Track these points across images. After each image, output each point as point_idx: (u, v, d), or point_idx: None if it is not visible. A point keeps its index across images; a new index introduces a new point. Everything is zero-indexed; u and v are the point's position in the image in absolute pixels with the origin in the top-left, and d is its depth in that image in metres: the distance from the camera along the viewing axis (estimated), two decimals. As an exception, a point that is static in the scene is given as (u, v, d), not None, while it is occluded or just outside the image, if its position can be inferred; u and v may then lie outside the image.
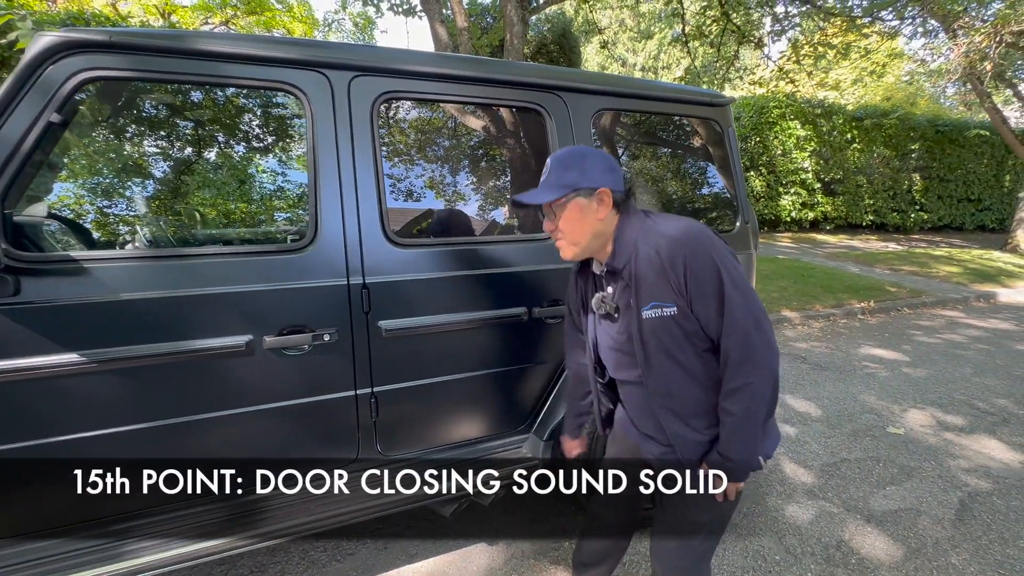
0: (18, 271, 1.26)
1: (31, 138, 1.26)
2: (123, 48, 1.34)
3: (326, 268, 1.55)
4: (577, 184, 1.15)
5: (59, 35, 1.29)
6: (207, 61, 1.43)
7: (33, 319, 1.27)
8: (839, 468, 2.71)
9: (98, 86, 1.37)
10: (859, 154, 11.41)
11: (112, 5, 9.35)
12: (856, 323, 5.67)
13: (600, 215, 1.17)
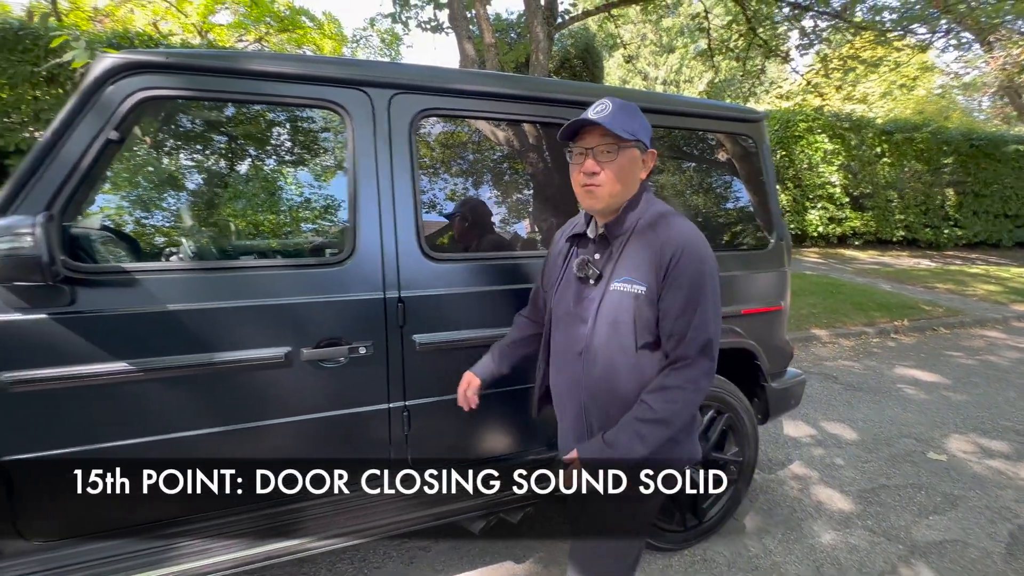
0: (74, 282, 1.31)
1: (90, 154, 1.32)
2: (178, 68, 1.40)
3: (363, 281, 1.57)
4: (639, 134, 1.12)
5: (120, 56, 1.35)
6: (254, 80, 1.48)
7: (87, 328, 1.32)
8: (878, 495, 2.60)
9: (153, 104, 1.42)
10: (889, 168, 11.14)
11: (153, 24, 9.79)
12: (890, 342, 5.49)
13: (642, 175, 1.18)
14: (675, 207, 2.18)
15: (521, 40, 8.08)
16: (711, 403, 2.08)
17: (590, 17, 7.30)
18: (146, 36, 6.84)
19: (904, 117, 13.23)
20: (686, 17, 14.88)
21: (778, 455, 2.99)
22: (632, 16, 14.42)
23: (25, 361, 1.28)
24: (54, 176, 1.29)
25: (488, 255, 1.83)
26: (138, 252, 1.66)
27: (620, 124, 1.11)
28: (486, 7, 5.33)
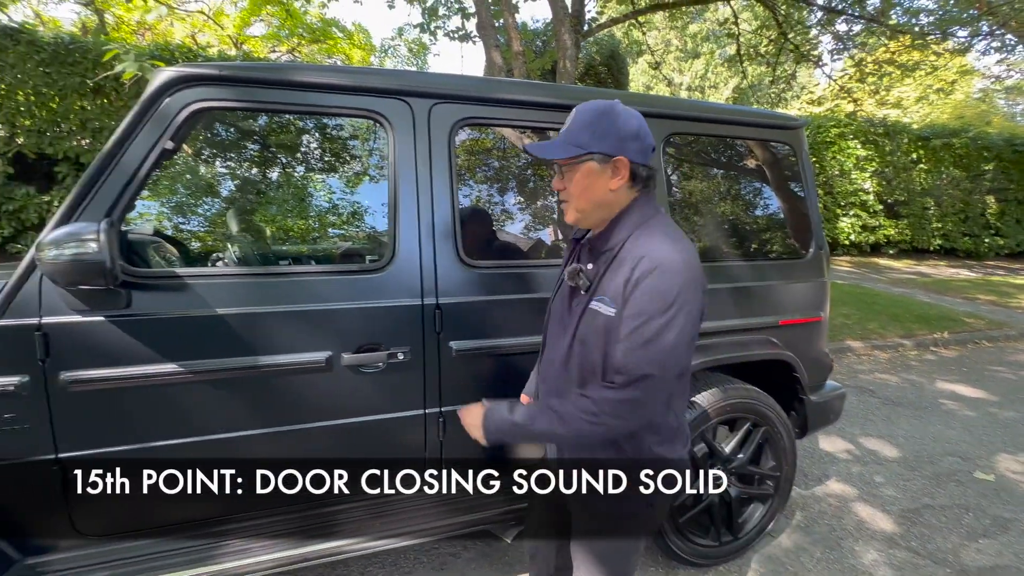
0: (130, 285, 1.36)
1: (148, 163, 1.37)
2: (230, 81, 1.44)
3: (402, 288, 1.59)
4: (591, 146, 1.04)
5: (176, 70, 1.40)
6: (302, 91, 1.52)
7: (140, 331, 1.37)
8: (922, 515, 2.50)
9: (205, 115, 1.47)
10: (926, 175, 10.78)
11: (191, 37, 10.17)
12: (929, 355, 5.28)
13: (612, 185, 1.06)
14: (709, 217, 2.17)
15: (547, 48, 8.12)
16: (747, 416, 2.03)
17: (616, 24, 7.29)
18: (185, 48, 7.10)
19: (941, 122, 12.79)
20: (712, 23, 14.74)
21: (814, 470, 2.90)
22: (657, 23, 14.35)
23: (83, 361, 1.33)
24: (114, 184, 1.34)
25: (524, 263, 1.84)
26: (187, 257, 1.71)
27: (570, 138, 1.06)
28: (515, 16, 5.38)
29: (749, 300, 2.08)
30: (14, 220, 5.83)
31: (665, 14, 8.72)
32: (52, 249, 1.18)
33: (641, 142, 1.06)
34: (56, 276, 1.21)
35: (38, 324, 1.29)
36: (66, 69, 5.77)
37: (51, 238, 1.19)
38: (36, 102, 5.73)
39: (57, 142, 5.87)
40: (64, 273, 1.20)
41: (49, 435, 1.33)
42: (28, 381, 1.29)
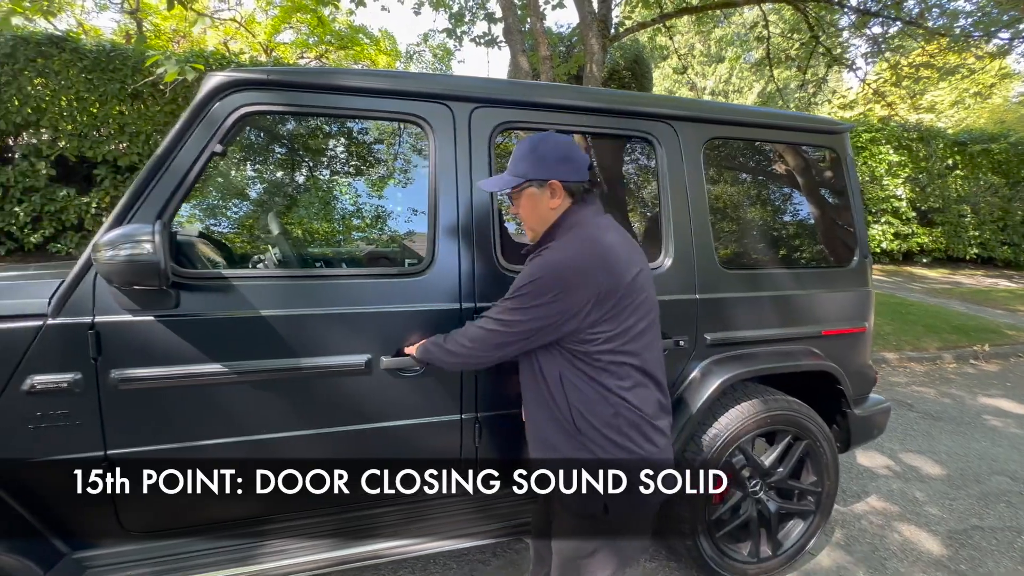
0: (179, 286, 1.38)
1: (197, 166, 1.40)
2: (278, 85, 1.46)
3: (441, 292, 1.58)
4: (527, 174, 1.24)
5: (226, 75, 1.42)
6: (346, 95, 1.53)
7: (188, 331, 1.38)
8: (971, 537, 2.39)
9: (254, 119, 1.49)
10: (962, 181, 10.41)
11: (224, 44, 10.46)
12: (969, 369, 5.08)
13: (551, 204, 1.26)
14: (750, 223, 2.11)
15: (571, 53, 8.11)
16: (788, 428, 1.97)
17: (645, 29, 7.24)
18: (219, 55, 7.30)
19: (978, 127, 12.36)
20: (739, 27, 14.56)
21: (852, 486, 2.80)
22: (681, 27, 14.22)
23: (133, 360, 1.35)
24: (165, 186, 1.37)
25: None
26: (230, 258, 1.74)
27: (510, 171, 1.28)
28: (542, 21, 5.39)
29: (791, 309, 2.02)
30: (55, 221, 6.05)
31: (691, 19, 8.63)
32: (108, 250, 1.21)
33: (572, 163, 1.24)
34: (111, 276, 1.24)
35: (91, 323, 1.32)
36: (106, 75, 5.97)
37: (107, 239, 1.21)
38: (78, 107, 5.94)
39: (97, 146, 6.07)
40: (119, 273, 1.22)
41: (99, 432, 1.35)
42: (80, 379, 1.32)
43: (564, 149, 1.24)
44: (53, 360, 1.30)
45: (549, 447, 1.28)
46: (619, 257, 1.21)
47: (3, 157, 5.97)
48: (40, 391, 1.29)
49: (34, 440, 1.32)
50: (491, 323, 1.26)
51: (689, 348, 1.86)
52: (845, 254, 2.18)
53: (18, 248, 6.04)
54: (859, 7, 6.57)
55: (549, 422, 1.27)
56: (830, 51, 7.23)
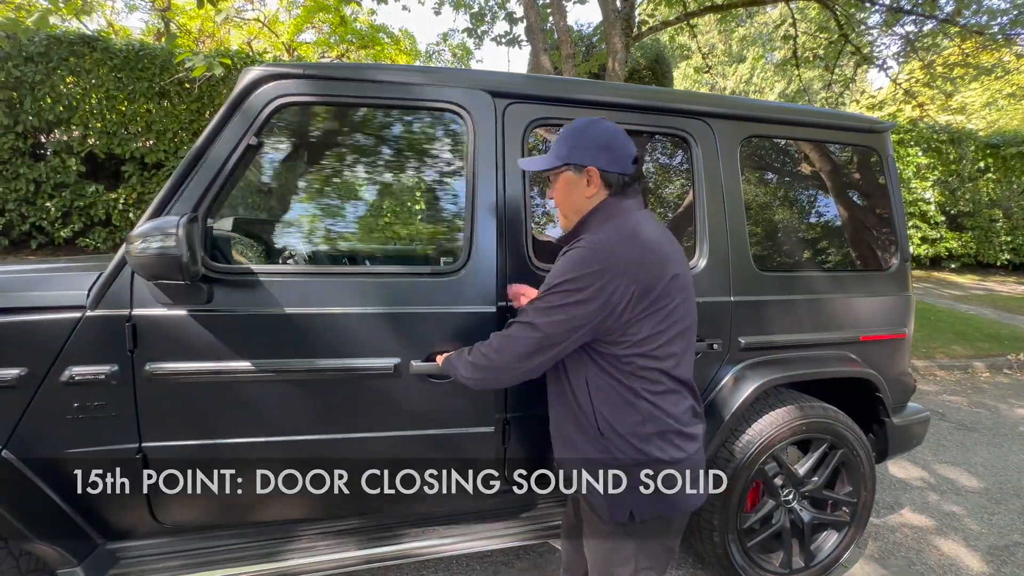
0: (212, 281, 1.38)
1: (233, 158, 1.39)
2: (313, 78, 1.45)
3: (476, 292, 1.55)
4: (567, 157, 1.18)
5: (263, 69, 1.42)
6: (378, 85, 1.51)
7: (219, 326, 1.38)
8: (1013, 554, 2.29)
9: (289, 110, 1.47)
10: (994, 185, 10.09)
11: (248, 43, 10.61)
12: (1003, 378, 4.91)
13: (587, 193, 1.19)
14: (787, 224, 2.05)
15: (591, 52, 8.05)
16: (824, 436, 1.91)
17: (668, 27, 7.15)
18: (243, 54, 7.41)
19: (1012, 129, 11.97)
20: (762, 26, 14.33)
21: (885, 497, 2.71)
22: (703, 27, 14.04)
23: (166, 354, 1.35)
24: (202, 179, 1.37)
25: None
26: (264, 254, 1.74)
27: (551, 152, 1.21)
28: (565, 19, 5.35)
29: (828, 313, 1.96)
30: (84, 216, 6.19)
31: (713, 18, 8.51)
32: (140, 242, 1.20)
33: (613, 152, 1.16)
34: (139, 269, 1.22)
35: (129, 315, 1.32)
36: (135, 74, 6.09)
37: (139, 231, 1.21)
38: (107, 105, 6.07)
39: (125, 143, 6.20)
40: (145, 267, 1.20)
41: (134, 425, 1.36)
42: (117, 371, 1.32)
43: (608, 137, 1.17)
44: (91, 351, 1.31)
45: (571, 446, 1.23)
46: (659, 254, 1.13)
47: (36, 153, 6.13)
48: (78, 382, 1.30)
49: (71, 432, 1.33)
50: (520, 328, 1.15)
51: (723, 352, 1.81)
52: (885, 257, 2.11)
53: (48, 242, 6.19)
54: (891, 5, 6.40)
55: (571, 423, 1.22)
56: (859, 50, 7.05)
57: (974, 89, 13.65)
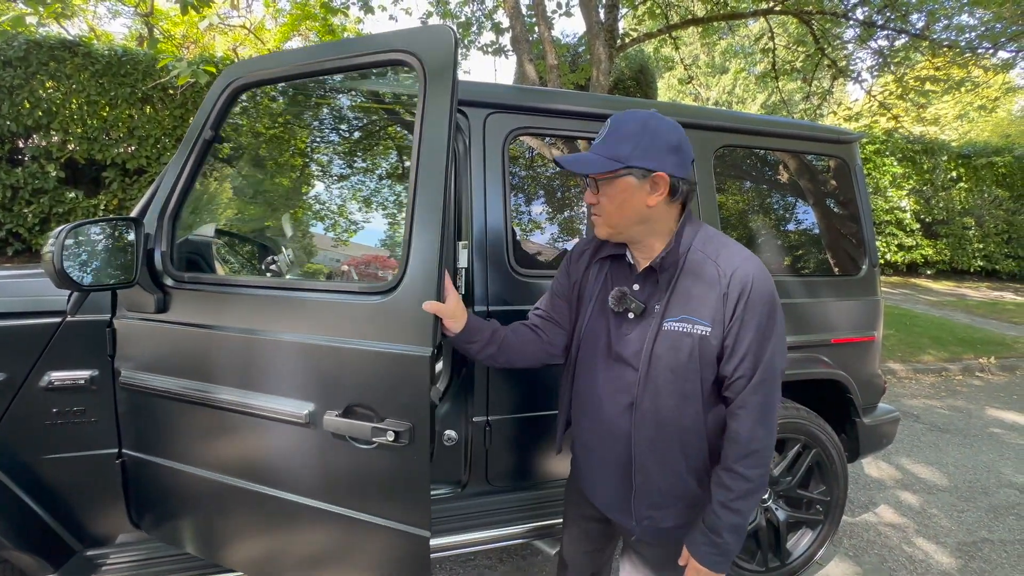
0: (172, 290, 1.34)
1: (191, 159, 1.34)
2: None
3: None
4: (630, 160, 0.98)
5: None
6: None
7: (164, 337, 1.30)
8: (980, 549, 2.37)
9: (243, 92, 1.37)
10: (966, 194, 10.43)
11: (233, 50, 10.56)
12: (976, 381, 5.06)
13: (650, 201, 1.01)
14: (760, 231, 2.12)
15: (578, 63, 8.18)
16: (797, 437, 1.97)
17: (651, 39, 7.31)
18: (228, 60, 7.37)
19: (982, 140, 12.39)
20: (743, 38, 14.67)
21: (860, 497, 2.78)
22: (686, 39, 14.34)
23: (136, 362, 1.31)
24: (167, 182, 1.33)
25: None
26: (233, 265, 1.75)
27: (606, 152, 1.00)
28: (550, 30, 5.44)
29: (800, 317, 2.02)
30: (63, 223, 6.09)
31: (697, 30, 8.70)
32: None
33: (681, 155, 1.01)
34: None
35: (109, 321, 1.32)
36: (117, 80, 6.04)
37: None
38: (88, 111, 6.00)
39: (106, 149, 6.13)
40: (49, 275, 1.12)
41: (114, 430, 1.36)
42: (97, 376, 1.32)
43: (676, 136, 1.00)
44: (71, 357, 1.31)
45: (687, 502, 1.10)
46: None
47: (13, 159, 6.03)
48: (58, 387, 1.30)
49: (50, 437, 1.33)
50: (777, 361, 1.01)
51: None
52: (854, 263, 2.19)
53: (26, 249, 6.08)
54: (864, 20, 6.63)
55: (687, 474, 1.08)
56: (835, 63, 7.27)
57: (946, 101, 14.12)
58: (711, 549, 1.02)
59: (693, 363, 1.01)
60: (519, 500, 1.77)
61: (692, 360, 1.00)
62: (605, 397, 1.11)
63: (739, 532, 1.02)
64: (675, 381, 1.02)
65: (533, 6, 5.87)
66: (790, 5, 6.85)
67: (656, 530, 1.13)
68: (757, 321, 0.98)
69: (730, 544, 1.01)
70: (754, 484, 1.00)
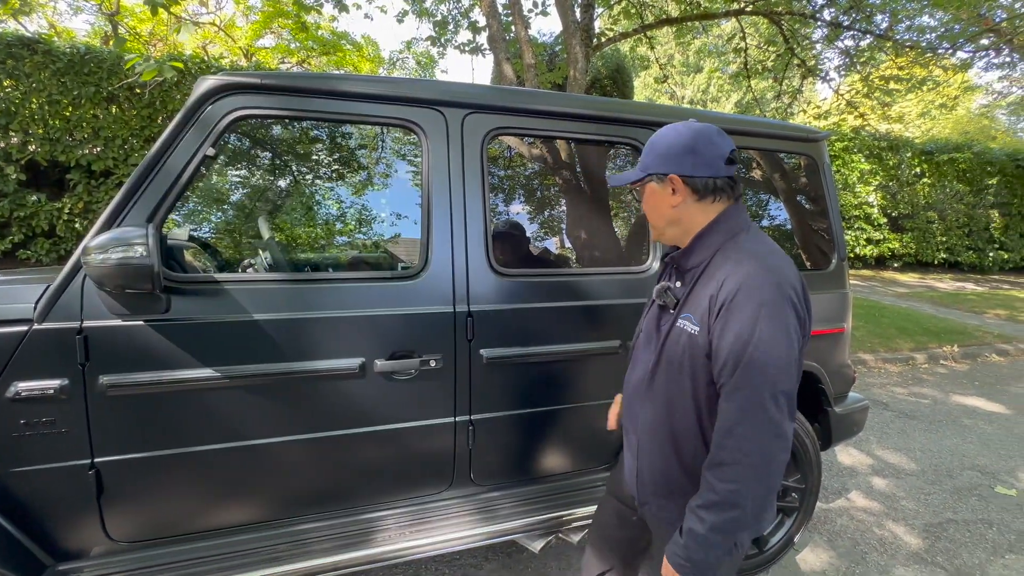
0: (170, 290, 1.37)
1: (189, 169, 1.39)
2: (271, 89, 1.46)
3: (435, 295, 1.59)
4: (649, 168, 1.11)
5: (219, 78, 1.42)
6: (338, 100, 1.54)
7: (179, 336, 1.37)
8: (945, 530, 2.47)
9: (246, 122, 1.49)
10: (929, 189, 10.84)
11: (203, 48, 10.31)
12: (940, 368, 5.27)
13: (672, 202, 1.09)
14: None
15: (555, 62, 8.22)
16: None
17: (626, 38, 7.39)
18: (197, 58, 7.19)
19: (944, 137, 12.88)
20: (716, 38, 14.94)
21: (834, 484, 2.87)
22: (661, 38, 14.53)
23: (122, 366, 1.33)
24: (157, 189, 1.36)
25: (554, 271, 1.85)
26: (221, 263, 1.72)
27: (639, 164, 1.15)
28: (527, 29, 5.45)
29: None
30: (24, 227, 5.86)
31: (671, 30, 8.83)
32: (99, 253, 1.19)
33: (699, 155, 1.06)
34: (103, 280, 1.22)
35: (79, 328, 1.29)
36: (80, 78, 5.83)
37: (98, 242, 1.20)
38: (50, 110, 5.78)
39: (70, 150, 5.91)
40: (111, 277, 1.20)
41: (86, 440, 1.32)
42: (67, 385, 1.29)
43: (691, 139, 1.06)
44: (39, 366, 1.27)
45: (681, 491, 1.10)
46: None
47: (-30, 161, 5.77)
48: (25, 398, 1.26)
49: (18, 449, 1.28)
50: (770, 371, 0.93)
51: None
52: (823, 257, 2.26)
53: (-14, 255, 5.83)
54: (832, 20, 6.82)
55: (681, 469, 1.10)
56: (804, 63, 7.47)
57: (910, 100, 14.63)
58: (675, 548, 1.00)
59: (685, 360, 1.05)
60: (504, 498, 1.79)
61: (684, 357, 1.05)
62: (633, 379, 1.22)
63: (702, 545, 0.95)
64: (670, 373, 1.09)
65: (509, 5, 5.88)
66: (760, 6, 7.02)
67: (658, 519, 1.16)
68: (739, 328, 0.95)
69: (692, 551, 0.96)
70: (719, 498, 0.94)
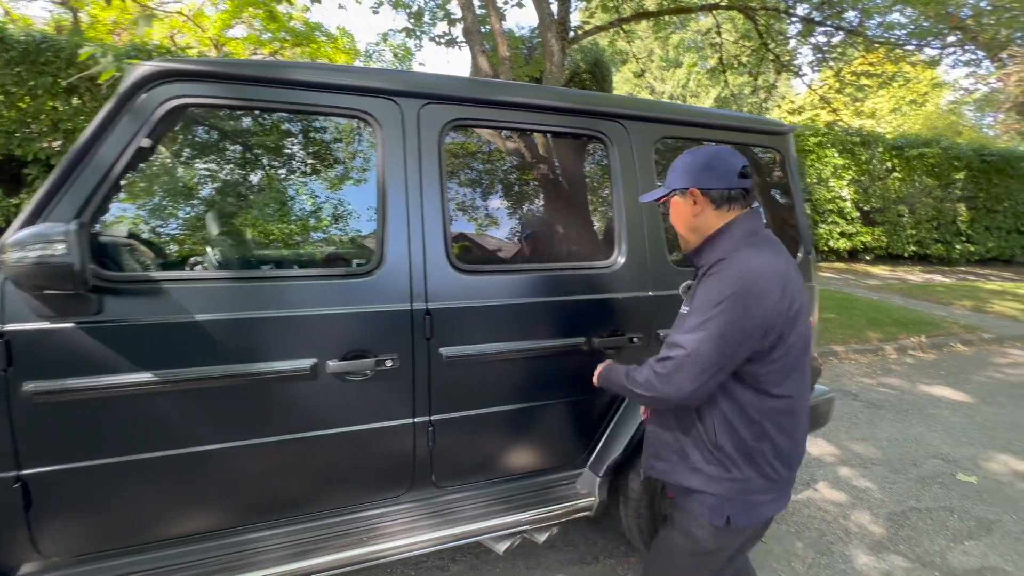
0: (102, 290, 1.29)
1: (122, 162, 1.30)
2: (211, 77, 1.39)
3: (391, 293, 1.54)
4: (672, 184, 1.29)
5: (154, 65, 1.34)
6: (287, 89, 1.47)
7: (112, 338, 1.29)
8: (908, 518, 2.52)
9: (184, 112, 1.41)
10: (900, 183, 11.09)
11: (170, 38, 9.95)
12: (908, 359, 5.39)
13: (694, 211, 1.26)
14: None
15: (533, 55, 8.16)
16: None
17: (601, 32, 7.36)
18: (164, 49, 6.94)
19: (914, 132, 13.19)
20: (694, 33, 15.02)
21: (802, 474, 2.90)
22: (640, 32, 14.57)
23: (49, 371, 1.25)
24: (86, 183, 1.27)
25: (514, 267, 1.80)
26: (164, 261, 1.64)
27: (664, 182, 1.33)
28: (502, 22, 5.38)
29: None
30: (-21, 223, 5.60)
31: (649, 24, 8.84)
32: (16, 251, 1.11)
33: (714, 170, 1.23)
34: (20, 279, 1.14)
35: (1, 331, 1.21)
36: (37, 68, 5.58)
37: (15, 239, 1.12)
38: (5, 102, 5.53)
39: (27, 143, 5.66)
40: (29, 276, 1.12)
41: (10, 451, 1.24)
42: (-13, 393, 1.20)
43: (707, 158, 1.25)
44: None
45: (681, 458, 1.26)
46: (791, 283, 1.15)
47: (-82, 155, 5.49)
48: (-61, 408, 1.17)
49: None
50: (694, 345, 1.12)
51: (644, 344, 1.88)
52: (790, 250, 2.26)
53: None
54: (805, 16, 6.89)
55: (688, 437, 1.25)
56: (779, 58, 7.54)
57: (881, 96, 14.93)
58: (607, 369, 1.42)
59: None
60: (467, 500, 1.75)
61: None
62: None
63: (613, 379, 1.37)
64: None
65: (484, -4, 5.80)
66: (736, 1, 7.05)
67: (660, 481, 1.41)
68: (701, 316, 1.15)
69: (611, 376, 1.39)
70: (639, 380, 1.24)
